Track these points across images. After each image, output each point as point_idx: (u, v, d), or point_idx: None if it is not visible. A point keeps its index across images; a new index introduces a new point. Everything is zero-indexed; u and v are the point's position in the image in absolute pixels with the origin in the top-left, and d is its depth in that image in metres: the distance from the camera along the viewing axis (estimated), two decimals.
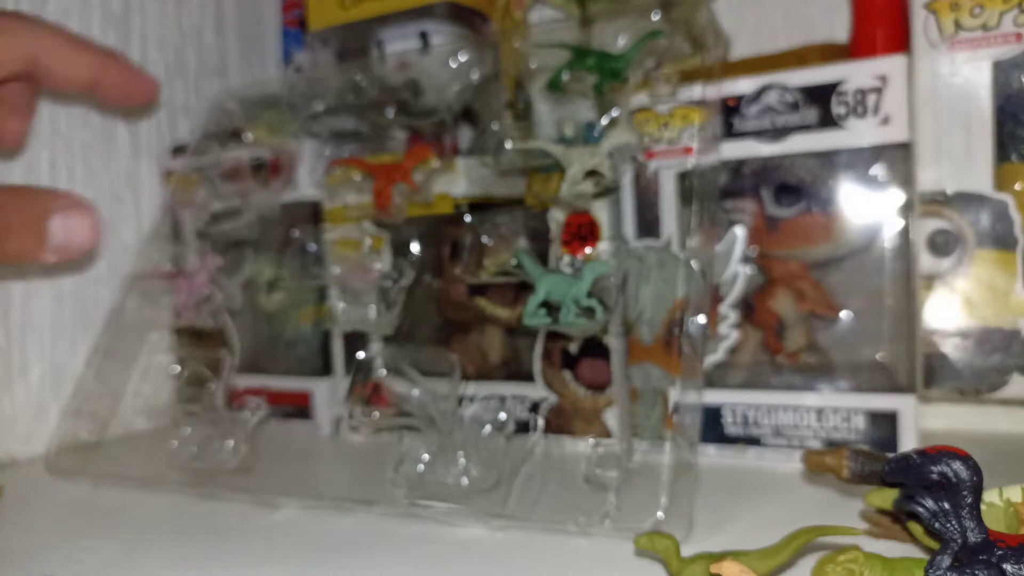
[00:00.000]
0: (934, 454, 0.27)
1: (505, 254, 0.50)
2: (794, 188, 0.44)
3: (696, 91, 0.44)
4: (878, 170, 0.43)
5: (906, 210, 0.42)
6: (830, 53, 0.49)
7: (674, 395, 0.38)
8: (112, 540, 0.39)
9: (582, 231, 0.47)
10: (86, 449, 0.53)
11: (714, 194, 0.45)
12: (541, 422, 0.44)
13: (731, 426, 0.45)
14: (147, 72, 0.45)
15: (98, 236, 0.35)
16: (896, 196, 0.42)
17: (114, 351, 0.54)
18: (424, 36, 0.54)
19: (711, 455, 0.46)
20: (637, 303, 0.46)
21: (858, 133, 0.43)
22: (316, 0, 0.58)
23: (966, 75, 0.42)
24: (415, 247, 0.52)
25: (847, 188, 0.43)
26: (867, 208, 0.43)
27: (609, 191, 0.46)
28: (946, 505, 0.26)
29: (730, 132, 0.45)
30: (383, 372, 0.48)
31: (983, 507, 0.28)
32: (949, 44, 0.42)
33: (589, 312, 0.42)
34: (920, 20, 0.42)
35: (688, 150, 0.44)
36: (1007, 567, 0.25)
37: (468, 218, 0.51)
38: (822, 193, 0.44)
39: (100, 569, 0.35)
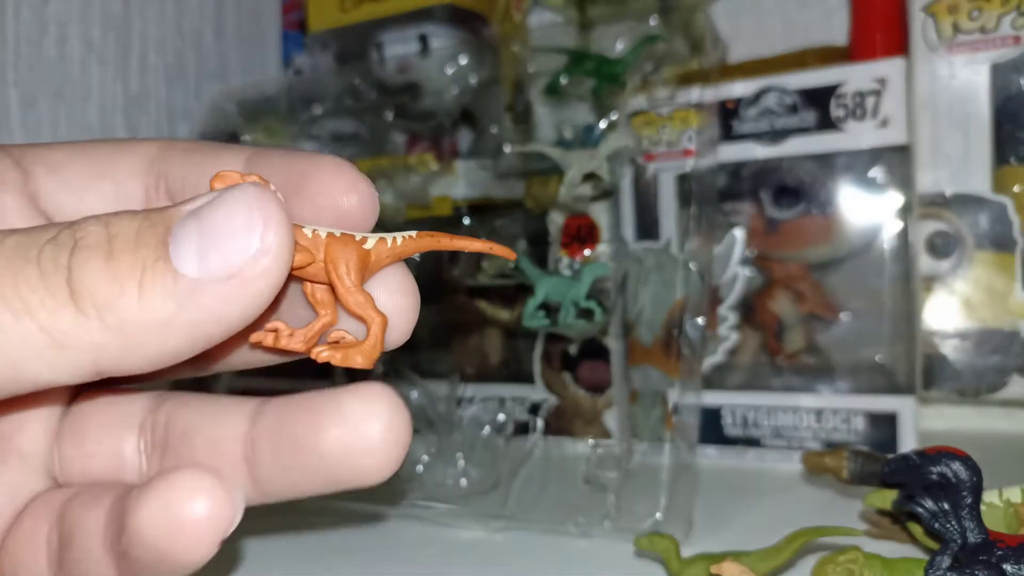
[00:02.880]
0: (933, 455, 0.27)
1: None
2: (793, 190, 0.44)
3: (694, 94, 0.44)
4: (877, 172, 0.43)
5: (905, 212, 0.42)
6: (829, 56, 0.49)
7: (673, 396, 0.38)
8: None
9: (581, 233, 0.47)
10: None
11: (713, 196, 0.45)
12: (540, 423, 0.44)
13: (731, 427, 0.45)
14: None
15: None
16: (895, 198, 0.42)
17: None
18: (423, 39, 0.54)
19: (711, 456, 0.46)
20: (636, 305, 0.46)
21: (857, 135, 0.43)
22: (316, 3, 0.58)
23: (965, 78, 0.42)
24: None
25: (846, 190, 0.43)
26: (866, 210, 0.43)
27: (607, 194, 0.46)
28: (946, 505, 0.26)
29: (729, 134, 0.45)
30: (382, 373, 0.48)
31: (983, 508, 0.28)
32: (947, 47, 0.42)
33: (588, 314, 0.42)
34: (919, 23, 0.42)
35: (687, 152, 0.44)
36: (1007, 567, 0.25)
37: (467, 220, 0.51)
38: (821, 195, 0.44)
39: None
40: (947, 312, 0.42)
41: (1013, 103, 0.41)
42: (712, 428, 0.46)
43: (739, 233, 0.45)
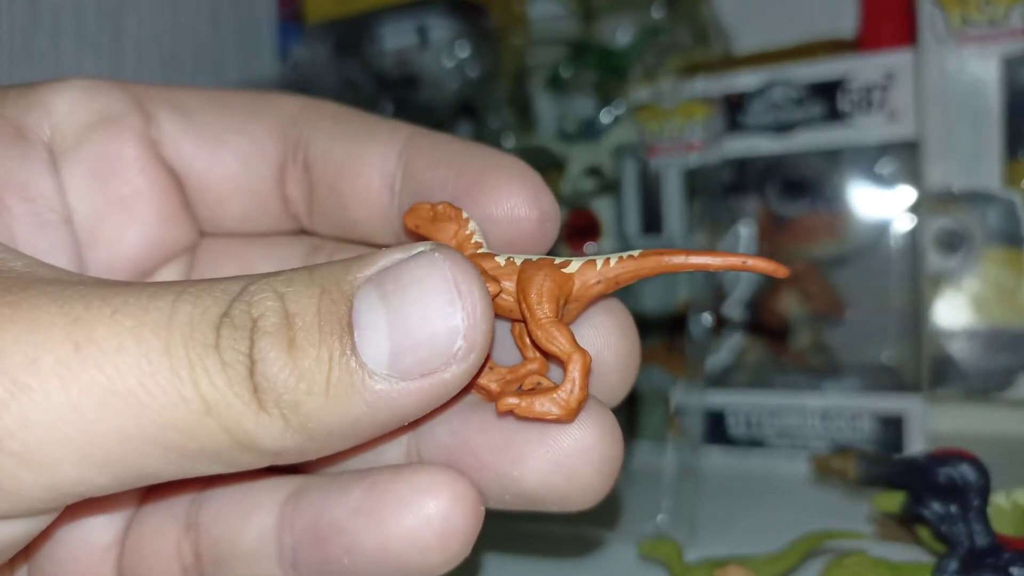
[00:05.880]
0: (941, 457, 0.26)
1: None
2: (799, 185, 0.44)
3: (699, 86, 0.43)
4: (885, 167, 0.42)
5: (913, 208, 0.42)
6: (836, 48, 0.49)
7: (677, 396, 0.38)
8: None
9: (584, 228, 0.46)
10: None
11: (718, 191, 0.45)
12: None
13: (735, 428, 0.45)
14: None
15: None
16: (903, 194, 0.42)
17: None
18: (423, 31, 0.53)
19: (715, 457, 0.45)
20: (639, 303, 0.45)
21: (864, 129, 0.42)
22: None
23: (974, 70, 0.41)
24: None
25: (853, 185, 0.43)
26: (873, 206, 0.42)
27: (610, 188, 0.45)
28: (953, 508, 0.26)
29: (735, 128, 0.45)
30: None
31: (990, 510, 0.27)
32: (956, 39, 0.41)
33: None
34: (927, 14, 0.42)
35: (692, 146, 0.44)
36: (1015, 571, 0.24)
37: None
38: (828, 190, 0.43)
39: None
40: (955, 310, 0.42)
41: (1023, 97, 0.40)
42: (716, 429, 0.45)
43: (745, 229, 0.45)
